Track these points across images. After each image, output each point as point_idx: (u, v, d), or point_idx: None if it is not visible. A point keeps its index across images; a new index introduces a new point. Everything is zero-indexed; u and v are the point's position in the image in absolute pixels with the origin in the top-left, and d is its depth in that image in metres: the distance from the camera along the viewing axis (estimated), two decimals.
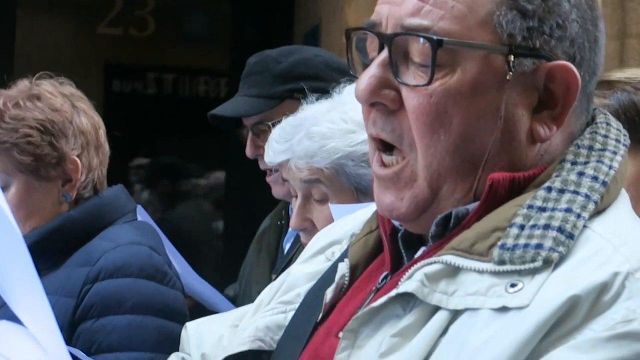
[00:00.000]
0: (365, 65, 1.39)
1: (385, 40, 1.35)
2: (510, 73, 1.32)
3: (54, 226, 2.53)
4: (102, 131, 2.71)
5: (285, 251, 3.10)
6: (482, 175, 1.35)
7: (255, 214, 3.60)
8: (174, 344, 1.96)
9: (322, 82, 2.79)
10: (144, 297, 2.42)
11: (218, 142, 5.54)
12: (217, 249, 6.61)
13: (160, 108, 9.52)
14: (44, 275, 2.27)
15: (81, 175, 2.59)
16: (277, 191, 3.10)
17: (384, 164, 1.40)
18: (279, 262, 3.03)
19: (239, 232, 3.92)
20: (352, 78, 1.56)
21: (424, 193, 1.36)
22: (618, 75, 2.29)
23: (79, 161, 2.58)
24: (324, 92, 2.60)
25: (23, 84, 2.63)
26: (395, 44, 1.34)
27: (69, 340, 2.28)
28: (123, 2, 8.18)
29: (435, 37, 1.30)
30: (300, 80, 3.05)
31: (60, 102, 2.60)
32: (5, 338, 1.23)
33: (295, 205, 2.59)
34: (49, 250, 2.47)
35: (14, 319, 1.29)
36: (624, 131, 1.44)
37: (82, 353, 1.30)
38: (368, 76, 1.36)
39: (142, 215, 2.93)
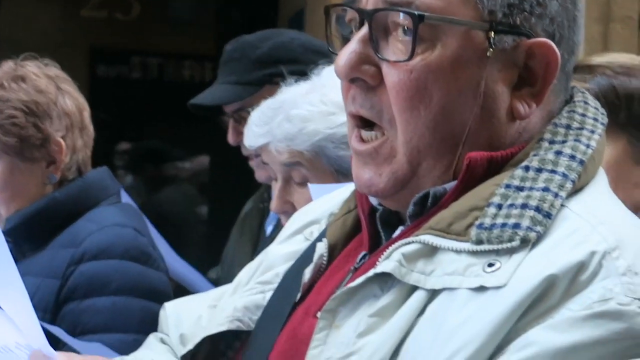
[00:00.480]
0: (345, 42, 1.38)
1: (365, 16, 1.35)
2: (491, 49, 1.32)
3: (38, 208, 2.53)
4: (87, 113, 2.72)
5: (267, 234, 3.11)
6: (462, 153, 1.35)
7: (239, 198, 3.61)
8: (151, 323, 1.98)
9: (301, 65, 2.80)
10: (129, 279, 2.43)
11: (202, 126, 5.54)
12: (200, 232, 6.62)
13: (145, 92, 9.51)
14: (29, 256, 2.44)
15: (65, 156, 2.59)
16: (260, 175, 3.12)
17: (362, 140, 1.39)
18: (261, 245, 3.01)
19: (222, 216, 3.93)
20: (331, 60, 1.55)
21: (403, 169, 1.36)
22: (598, 59, 2.31)
23: (63, 143, 2.58)
24: (303, 75, 2.59)
25: (8, 66, 2.63)
26: (375, 19, 1.34)
27: (53, 321, 2.32)
28: None
29: (416, 12, 1.29)
30: (278, 64, 3.07)
31: (45, 83, 2.60)
32: None
33: (276, 188, 2.59)
34: (33, 232, 2.50)
35: None
36: (601, 110, 1.45)
37: (64, 332, 1.29)
38: (348, 52, 1.36)
39: (124, 198, 2.94)
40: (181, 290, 3.09)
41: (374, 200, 1.46)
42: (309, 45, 3.13)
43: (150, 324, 2.06)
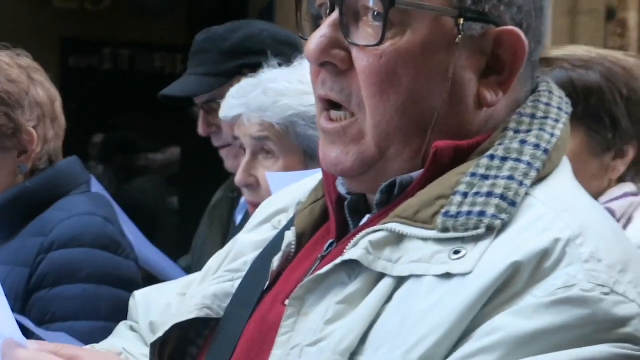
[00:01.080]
0: (315, 27, 1.38)
1: (336, 1, 1.34)
2: (460, 36, 1.33)
3: (9, 197, 2.52)
4: (59, 103, 2.71)
5: (237, 223, 3.12)
6: (431, 139, 1.36)
7: (210, 188, 3.61)
8: (121, 312, 1.97)
9: (268, 57, 2.76)
10: (98, 267, 2.43)
11: (174, 118, 5.53)
12: (172, 222, 6.61)
13: (116, 83, 9.48)
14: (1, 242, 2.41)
15: (37, 146, 2.58)
16: (230, 165, 3.12)
17: (331, 119, 1.40)
18: (230, 234, 3.01)
19: (193, 206, 3.94)
20: (300, 51, 1.56)
21: (370, 150, 1.37)
22: (557, 52, 2.34)
23: (34, 132, 2.57)
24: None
25: None
26: (346, 4, 1.34)
27: (23, 309, 2.33)
28: None
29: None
30: (248, 56, 3.08)
31: (17, 73, 2.59)
32: None
33: (243, 161, 2.61)
34: (3, 221, 2.50)
35: None
36: (566, 99, 1.47)
37: (31, 323, 1.29)
38: (318, 36, 1.36)
39: (95, 187, 2.93)
40: (152, 279, 3.08)
41: (342, 189, 1.46)
42: (278, 37, 3.13)
43: (119, 312, 2.07)
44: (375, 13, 1.33)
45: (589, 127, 2.19)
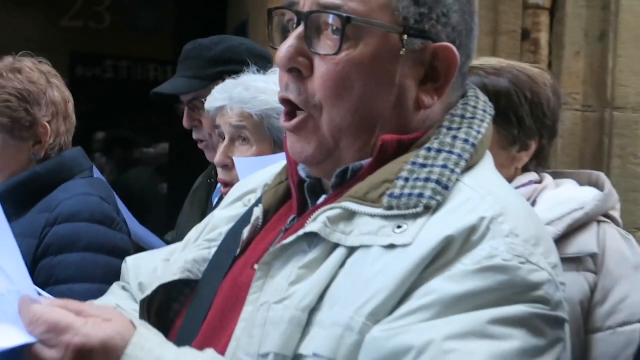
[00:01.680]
0: (284, 39, 1.40)
1: (302, 17, 1.36)
2: (403, 49, 1.35)
3: (22, 179, 2.55)
4: (71, 105, 2.75)
5: (214, 203, 3.13)
6: (378, 134, 1.38)
7: (192, 176, 3.63)
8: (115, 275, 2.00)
9: (246, 65, 2.77)
10: (95, 238, 2.46)
11: (163, 118, 5.51)
12: (161, 205, 6.60)
13: (116, 90, 9.44)
14: (13, 220, 2.37)
15: (49, 138, 2.61)
16: (210, 156, 3.13)
17: (296, 112, 1.41)
18: (207, 212, 3.01)
19: (179, 191, 3.94)
20: (272, 63, 1.56)
21: (327, 141, 1.38)
22: (474, 62, 2.36)
23: (48, 126, 2.60)
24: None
25: (7, 60, 2.66)
26: (310, 19, 1.36)
27: (31, 274, 2.27)
28: (83, 2, 8.11)
29: (344, 15, 1.31)
30: (228, 64, 3.07)
31: (37, 76, 2.62)
32: None
33: (222, 145, 2.65)
34: (17, 199, 2.49)
35: None
36: (489, 103, 1.50)
37: (38, 289, 1.27)
38: (286, 46, 1.38)
39: (96, 174, 2.97)
40: (141, 250, 3.10)
41: (302, 173, 1.47)
42: (253, 50, 3.13)
43: (112, 277, 2.09)
44: (334, 28, 1.34)
45: (498, 125, 2.20)
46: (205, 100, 2.83)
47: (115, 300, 1.64)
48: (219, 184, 2.95)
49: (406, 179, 1.31)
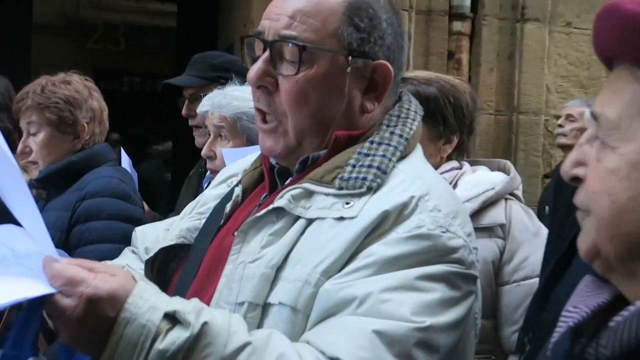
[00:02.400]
0: (254, 61, 1.38)
1: (267, 45, 1.35)
2: (349, 68, 1.35)
3: (61, 165, 2.63)
4: (105, 113, 2.85)
5: (204, 187, 3.18)
6: (332, 132, 1.37)
7: (190, 168, 3.63)
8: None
9: (238, 76, 2.81)
10: (115, 210, 2.54)
11: (168, 122, 5.46)
12: (166, 190, 6.56)
13: (131, 100, 9.35)
14: (53, 197, 2.62)
15: (86, 135, 2.70)
16: (199, 142, 3.14)
17: (265, 122, 1.41)
18: (199, 194, 3.06)
19: (180, 180, 3.95)
20: None
21: (292, 142, 1.37)
22: (409, 74, 2.41)
23: (86, 126, 2.70)
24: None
25: (60, 75, 2.75)
26: (274, 47, 1.34)
27: (67, 238, 2.47)
28: (103, 27, 8.00)
29: (301, 44, 1.30)
30: (226, 71, 3.10)
31: (82, 88, 2.73)
32: (10, 235, 1.19)
33: (208, 141, 2.72)
34: (57, 181, 2.61)
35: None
36: (419, 106, 1.50)
37: (63, 252, 1.26)
38: (256, 68, 1.36)
39: (124, 158, 3.22)
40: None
41: (272, 161, 1.46)
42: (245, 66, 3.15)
43: (129, 240, 2.10)
44: (293, 54, 1.33)
45: (428, 123, 2.22)
46: (203, 95, 2.88)
47: (126, 261, 1.62)
48: (208, 172, 2.98)
49: (353, 166, 1.31)
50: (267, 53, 1.35)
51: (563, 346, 0.90)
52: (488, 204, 2.26)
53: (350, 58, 1.34)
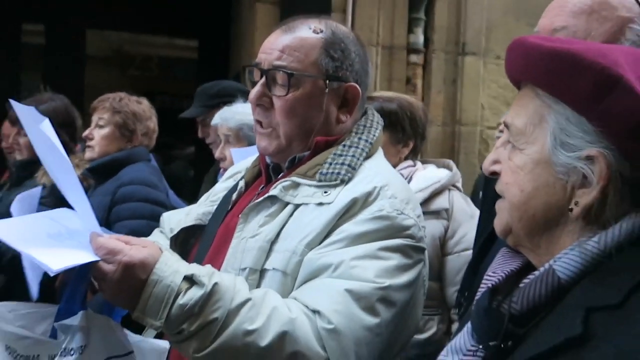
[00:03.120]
0: (254, 85, 1.37)
1: (263, 72, 1.34)
2: (327, 89, 1.34)
3: (108, 159, 2.65)
4: (156, 134, 2.90)
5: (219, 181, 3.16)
6: (313, 137, 1.36)
7: (208, 167, 3.59)
8: (156, 219, 2.03)
9: (235, 98, 2.83)
10: (145, 195, 2.54)
11: (190, 133, 5.46)
12: (189, 184, 6.53)
13: (164, 115, 9.22)
14: (99, 185, 2.62)
15: (136, 143, 2.72)
16: (217, 155, 3.06)
17: (262, 128, 1.39)
18: None
19: (200, 176, 3.91)
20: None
21: (282, 144, 1.36)
22: (375, 94, 2.43)
23: (140, 137, 2.72)
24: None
25: (134, 96, 2.81)
26: (268, 74, 1.34)
27: (108, 216, 2.49)
28: (141, 58, 7.92)
29: (289, 71, 1.30)
30: (222, 97, 3.06)
31: (148, 109, 2.81)
32: (65, 216, 1.17)
33: (219, 147, 2.75)
34: (103, 173, 2.62)
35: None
36: (380, 118, 1.49)
37: (106, 229, 1.25)
38: (255, 91, 1.36)
39: (153, 160, 3.08)
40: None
41: (268, 160, 1.45)
42: (240, 88, 3.11)
43: (155, 218, 2.13)
44: (283, 79, 1.32)
45: (390, 131, 2.22)
46: (210, 119, 2.93)
47: (155, 238, 1.60)
48: (221, 169, 2.96)
49: (330, 164, 1.31)
50: (263, 79, 1.34)
51: (484, 302, 0.89)
52: (435, 193, 2.26)
53: (327, 82, 1.33)
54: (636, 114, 0.77)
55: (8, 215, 2.26)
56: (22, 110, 1.19)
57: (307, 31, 1.34)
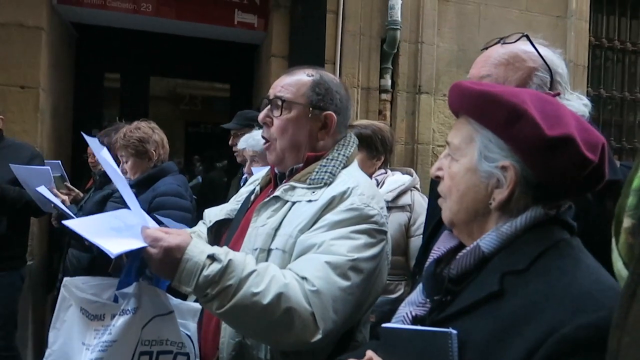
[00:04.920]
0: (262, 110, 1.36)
1: (268, 100, 1.33)
2: (310, 114, 1.31)
3: (144, 176, 2.47)
4: (166, 141, 2.60)
5: (242, 186, 3.12)
6: (304, 152, 1.33)
7: (235, 174, 3.56)
8: (187, 220, 2.04)
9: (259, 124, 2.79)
10: (174, 203, 2.37)
11: (226, 151, 5.46)
12: (224, 187, 6.50)
13: (208, 139, 9.21)
14: (138, 196, 2.34)
15: (155, 157, 2.52)
16: (239, 160, 3.10)
17: (266, 143, 1.37)
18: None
19: (231, 182, 3.89)
20: None
21: (280, 156, 1.34)
22: (355, 122, 2.43)
23: (154, 152, 2.50)
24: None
25: (134, 124, 2.55)
26: (272, 101, 1.32)
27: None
28: (189, 96, 7.94)
29: (283, 99, 1.28)
30: (251, 120, 3.04)
31: (147, 129, 2.51)
32: (123, 214, 1.14)
33: (247, 165, 2.65)
34: (141, 185, 2.43)
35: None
36: (356, 139, 1.43)
37: (155, 223, 1.24)
38: (262, 113, 1.34)
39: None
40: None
41: (276, 170, 1.42)
42: None
43: (184, 218, 2.09)
44: (279, 104, 1.31)
45: (366, 149, 2.21)
46: (240, 133, 2.90)
47: (199, 228, 1.57)
48: (244, 176, 2.93)
49: (317, 172, 1.28)
50: (268, 105, 1.33)
51: (430, 269, 0.91)
52: (401, 193, 2.26)
53: (311, 109, 1.31)
54: (535, 136, 0.78)
55: (95, 212, 2.25)
56: (90, 141, 1.21)
57: (303, 75, 1.33)
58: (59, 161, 2.80)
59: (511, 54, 1.17)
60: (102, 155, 1.13)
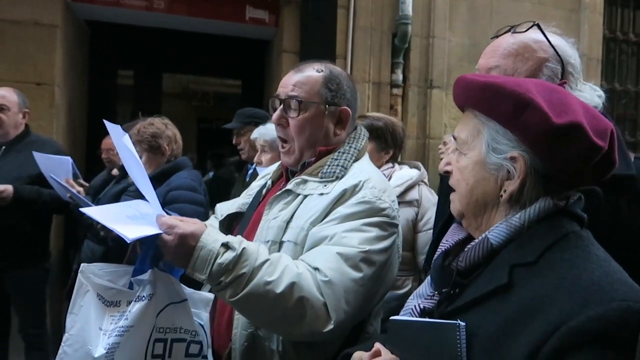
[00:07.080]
0: (275, 109, 1.35)
1: (281, 101, 1.32)
2: (326, 112, 1.31)
3: (159, 171, 2.45)
4: (179, 136, 2.58)
5: (247, 179, 3.10)
6: (317, 147, 1.33)
7: (241, 170, 3.56)
8: (199, 215, 2.02)
9: (261, 120, 2.83)
10: (188, 197, 2.36)
11: (234, 148, 5.48)
12: (234, 183, 6.53)
13: (219, 135, 9.23)
14: (155, 189, 2.33)
15: (168, 152, 2.50)
16: (243, 157, 3.17)
17: (283, 145, 1.38)
18: (244, 185, 2.99)
19: (241, 175, 3.90)
20: None
21: (297, 156, 1.34)
22: (368, 114, 2.40)
23: (167, 148, 2.49)
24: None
25: (147, 120, 2.54)
26: (285, 101, 1.31)
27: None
28: (201, 93, 7.97)
29: (299, 99, 1.28)
30: (254, 118, 3.05)
31: (160, 125, 2.51)
32: (140, 204, 1.16)
33: (257, 155, 2.64)
34: (156, 181, 2.40)
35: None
36: (366, 132, 1.44)
37: (169, 211, 1.26)
38: (276, 114, 1.33)
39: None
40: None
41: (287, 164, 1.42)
42: (265, 114, 3.10)
43: (195, 215, 2.05)
44: (295, 104, 1.31)
45: (376, 142, 2.20)
46: (243, 131, 2.93)
47: (209, 222, 1.58)
48: (250, 171, 2.98)
49: (329, 165, 1.29)
50: (281, 105, 1.32)
51: (439, 261, 0.90)
52: (409, 187, 2.24)
53: (326, 106, 1.31)
54: (543, 125, 0.77)
55: (112, 201, 2.28)
56: (111, 127, 1.20)
57: (312, 71, 1.33)
58: (69, 157, 2.82)
59: (521, 44, 1.14)
60: (123, 141, 1.13)
